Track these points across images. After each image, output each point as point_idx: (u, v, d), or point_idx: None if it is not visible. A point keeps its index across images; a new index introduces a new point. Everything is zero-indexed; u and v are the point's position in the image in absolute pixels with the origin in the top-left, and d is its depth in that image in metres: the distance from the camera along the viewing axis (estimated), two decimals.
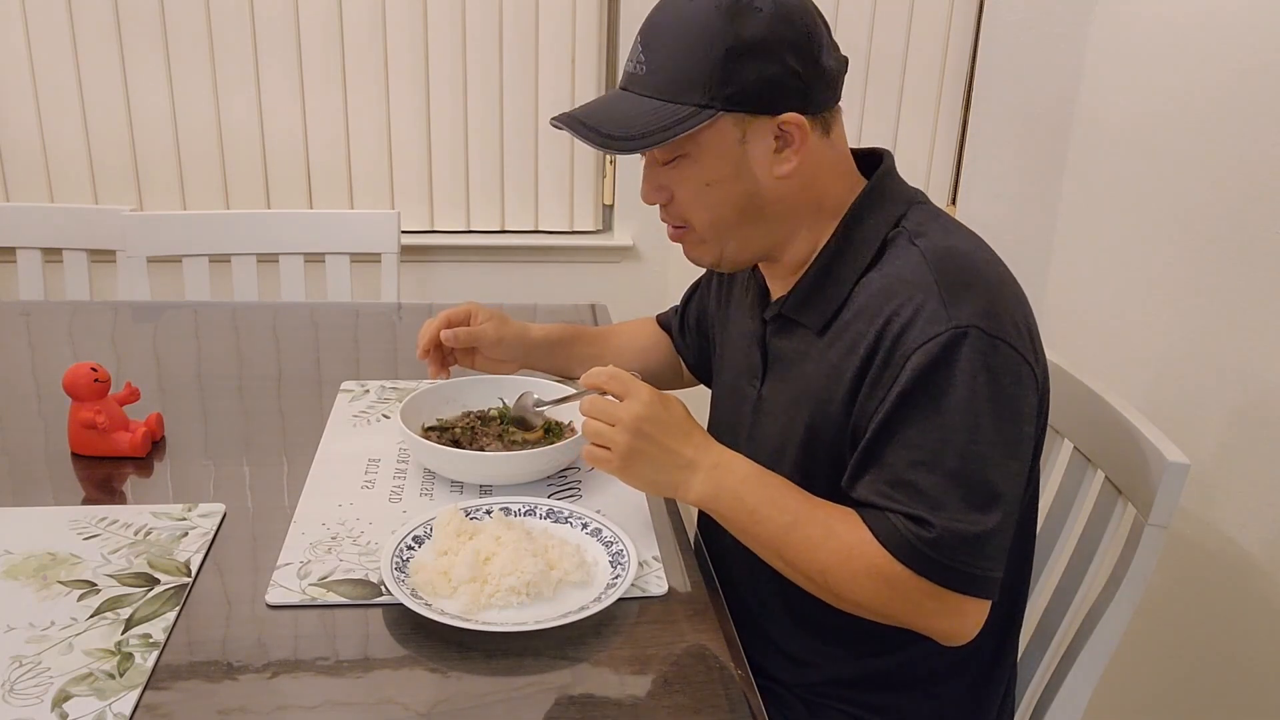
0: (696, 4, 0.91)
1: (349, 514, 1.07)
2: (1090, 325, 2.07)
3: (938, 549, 0.86)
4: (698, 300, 1.29)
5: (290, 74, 2.20)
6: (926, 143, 2.40)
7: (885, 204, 0.98)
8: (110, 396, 1.18)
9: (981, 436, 0.86)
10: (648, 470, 0.96)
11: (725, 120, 0.92)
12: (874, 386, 0.90)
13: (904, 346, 0.88)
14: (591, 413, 0.97)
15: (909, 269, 0.91)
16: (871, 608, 0.91)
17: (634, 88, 0.95)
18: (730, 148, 0.93)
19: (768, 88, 0.91)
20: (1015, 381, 0.88)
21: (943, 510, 0.86)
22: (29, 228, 1.90)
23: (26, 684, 0.80)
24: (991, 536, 0.87)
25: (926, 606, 0.89)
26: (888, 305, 0.90)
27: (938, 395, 0.86)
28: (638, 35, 0.96)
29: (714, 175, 0.95)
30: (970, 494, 0.86)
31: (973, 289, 0.88)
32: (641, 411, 0.94)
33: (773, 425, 1.03)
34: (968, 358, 0.86)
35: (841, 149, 0.99)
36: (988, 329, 0.86)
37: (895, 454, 0.88)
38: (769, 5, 0.90)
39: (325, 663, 0.85)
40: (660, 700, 0.82)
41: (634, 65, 0.95)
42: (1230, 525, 1.61)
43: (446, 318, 1.22)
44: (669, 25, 0.93)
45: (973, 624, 0.90)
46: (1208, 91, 1.71)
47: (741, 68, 0.90)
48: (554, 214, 2.40)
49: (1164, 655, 1.74)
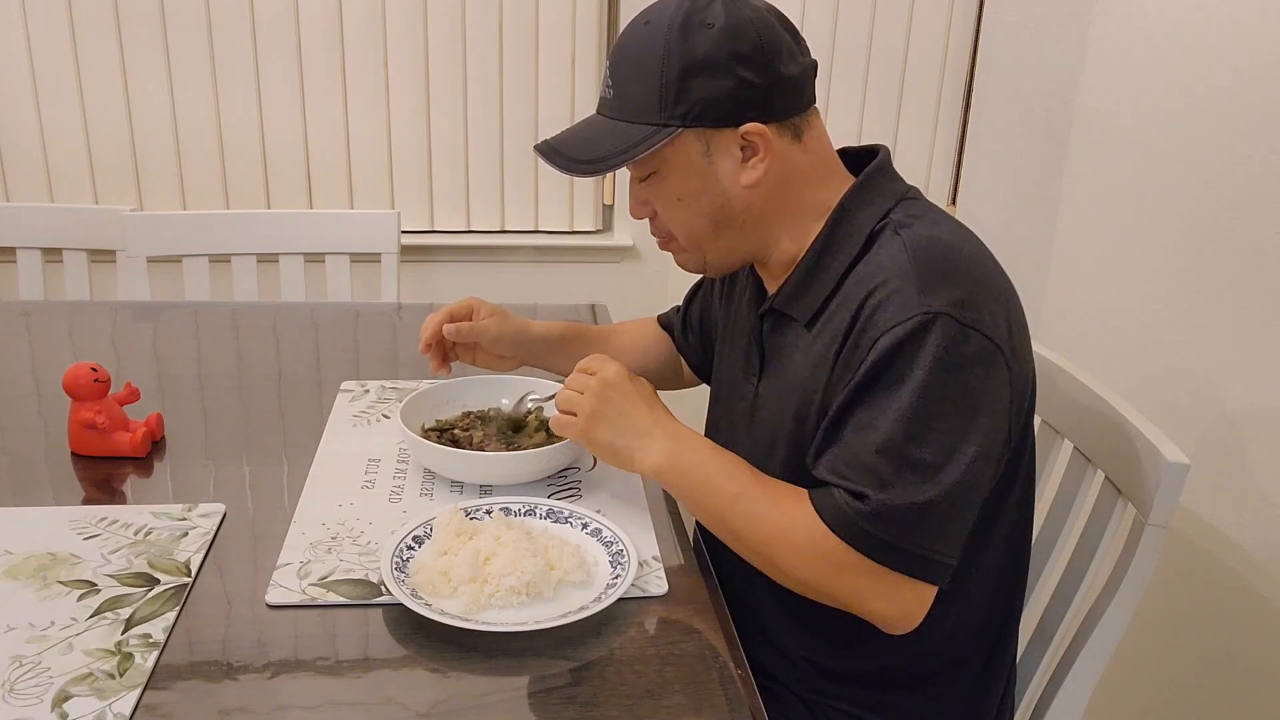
0: (652, 27, 0.94)
1: (349, 514, 1.07)
2: (1090, 325, 2.06)
3: (873, 522, 0.86)
4: (700, 299, 1.29)
5: (290, 74, 2.20)
6: (926, 143, 2.40)
7: (874, 198, 0.98)
8: (110, 396, 1.18)
9: (939, 423, 0.86)
10: (607, 433, 1.01)
11: (687, 136, 0.94)
12: (844, 369, 0.92)
13: (874, 329, 0.89)
14: (569, 385, 1.04)
15: (889, 257, 0.92)
16: (814, 584, 0.91)
17: (605, 111, 0.99)
18: (695, 162, 0.96)
19: (723, 102, 0.93)
20: (985, 372, 0.87)
21: (887, 490, 0.86)
22: (29, 228, 1.90)
23: (26, 684, 0.80)
24: (933, 515, 0.86)
25: (863, 585, 0.89)
26: (864, 291, 0.91)
27: (898, 378, 0.87)
28: (607, 60, 1.00)
29: (683, 190, 0.97)
30: (915, 474, 0.86)
31: (950, 277, 0.89)
32: (609, 378, 1.01)
33: (766, 420, 1.03)
34: (935, 343, 0.86)
35: (819, 152, 0.99)
36: (959, 317, 0.86)
37: (850, 433, 0.89)
38: (720, 20, 0.92)
39: (325, 663, 0.85)
40: (660, 700, 0.82)
41: (605, 89, 0.99)
42: (1230, 525, 1.61)
43: (449, 312, 1.23)
44: (630, 48, 0.96)
45: (912, 609, 0.90)
46: (1208, 91, 1.71)
47: (694, 84, 0.92)
48: (554, 214, 2.40)
49: (1164, 655, 1.74)
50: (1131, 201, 1.93)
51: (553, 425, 1.04)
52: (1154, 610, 1.74)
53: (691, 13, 0.92)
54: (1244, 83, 1.63)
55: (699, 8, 0.93)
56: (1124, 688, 1.83)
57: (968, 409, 0.87)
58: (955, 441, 0.87)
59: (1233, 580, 1.60)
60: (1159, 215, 1.84)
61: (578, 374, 1.04)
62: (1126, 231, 1.94)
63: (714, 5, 0.93)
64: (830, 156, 1.01)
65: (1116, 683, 1.84)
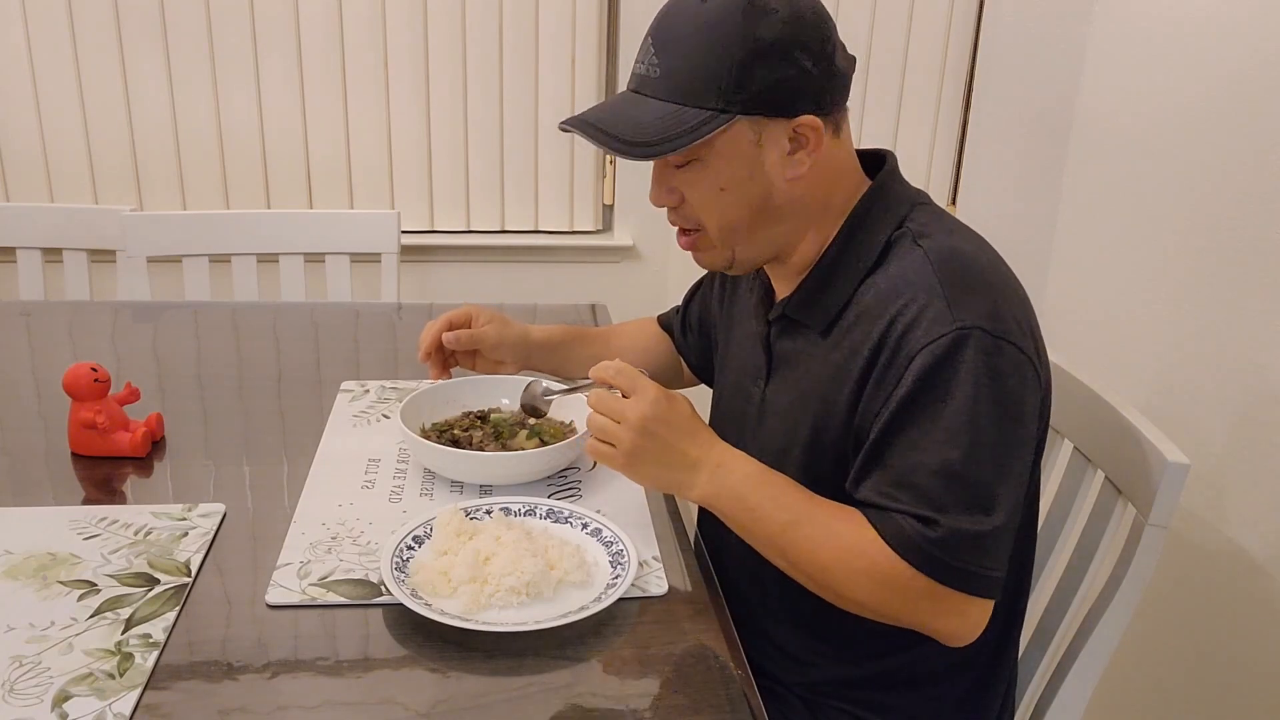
0: (711, 6, 0.90)
1: (349, 514, 1.07)
2: (1090, 325, 2.06)
3: (943, 548, 0.86)
4: (699, 300, 1.29)
5: (290, 74, 2.20)
6: (926, 143, 2.40)
7: (889, 205, 0.98)
8: (110, 396, 1.18)
9: (985, 438, 0.86)
10: (652, 468, 0.96)
11: (741, 123, 0.91)
12: (878, 387, 0.90)
13: (908, 347, 0.88)
14: (599, 408, 0.96)
15: (913, 270, 0.91)
16: (872, 607, 0.91)
17: (646, 90, 0.94)
18: (745, 151, 0.93)
19: (784, 90, 0.91)
20: (1020, 382, 0.88)
21: (947, 511, 0.86)
22: (29, 228, 1.90)
23: (26, 684, 0.80)
24: (995, 536, 0.87)
25: (927, 606, 0.89)
26: (892, 306, 0.90)
27: (942, 397, 0.86)
28: (648, 35, 0.94)
29: (728, 179, 0.94)
30: (974, 495, 0.86)
31: (977, 290, 0.88)
32: (648, 410, 0.94)
33: (777, 426, 1.03)
34: (972, 359, 0.86)
35: (849, 148, 1.00)
36: (992, 330, 0.86)
37: (899, 455, 0.88)
38: (784, 7, 0.90)
39: (325, 663, 0.85)
40: (660, 700, 0.82)
41: (645, 67, 0.94)
42: (1230, 525, 1.61)
43: (448, 320, 1.22)
44: (683, 27, 0.91)
45: (974, 624, 0.90)
46: (1208, 91, 1.71)
47: (758, 70, 0.89)
48: (554, 214, 2.40)
49: (1164, 655, 1.74)
50: (1131, 201, 1.93)
51: (590, 452, 0.97)
52: (1154, 610, 1.74)
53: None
54: (1243, 82, 1.63)
55: None
56: (1124, 688, 1.83)
57: (1011, 422, 0.87)
58: (1005, 456, 0.87)
59: (1233, 580, 1.60)
60: (1159, 215, 1.84)
61: (609, 398, 0.96)
62: (1126, 231, 1.94)
63: None
64: (854, 156, 1.01)
65: (1116, 683, 1.83)
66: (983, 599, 0.89)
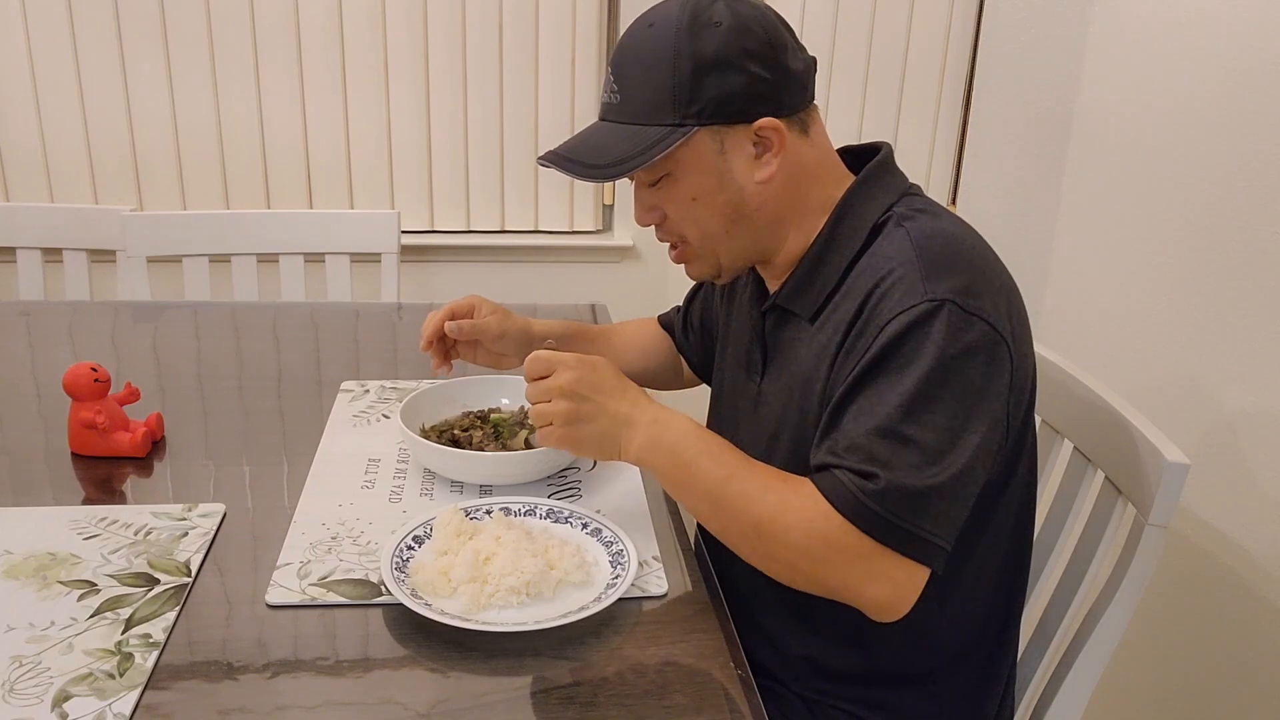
0: (657, 28, 0.94)
1: (349, 514, 1.07)
2: (1090, 325, 2.06)
3: (879, 500, 0.85)
4: (702, 299, 1.29)
5: (290, 74, 2.20)
6: (926, 142, 2.40)
7: (876, 194, 0.98)
8: (110, 396, 1.18)
9: (941, 407, 0.86)
10: (589, 430, 0.96)
11: (702, 135, 0.94)
12: (848, 356, 0.91)
13: (880, 317, 0.89)
14: (533, 397, 0.98)
15: (894, 247, 0.92)
16: (804, 568, 0.89)
17: (610, 117, 0.98)
18: (710, 160, 0.95)
19: (737, 98, 0.93)
20: (988, 359, 0.88)
21: (889, 467, 0.85)
22: (29, 228, 1.90)
23: (26, 684, 0.80)
24: (938, 496, 0.85)
25: (860, 568, 0.87)
26: (870, 281, 0.92)
27: (904, 363, 0.87)
28: (609, 65, 0.99)
29: (698, 190, 0.97)
30: (920, 456, 0.86)
31: (955, 267, 0.89)
32: (571, 376, 0.96)
33: (768, 414, 1.03)
34: (940, 330, 0.86)
35: (823, 146, 1.00)
36: (964, 305, 0.87)
37: (851, 418, 0.89)
38: (726, 18, 0.92)
39: (325, 663, 0.85)
40: (660, 700, 0.82)
41: (609, 95, 0.98)
42: (1230, 525, 1.61)
43: (450, 310, 1.23)
44: (634, 51, 0.96)
45: (904, 594, 0.88)
46: (1208, 91, 1.71)
47: (707, 82, 0.92)
48: (554, 214, 2.40)
49: (1164, 655, 1.74)
50: (1131, 201, 1.93)
51: (539, 441, 0.99)
52: (1154, 610, 1.74)
53: (697, 13, 0.93)
54: (1243, 82, 1.63)
55: (703, 7, 0.93)
56: (1124, 688, 1.83)
57: (970, 395, 0.87)
58: (958, 427, 0.87)
59: (1233, 580, 1.60)
60: (1159, 215, 1.84)
61: (537, 385, 0.98)
62: (1126, 231, 1.94)
63: (717, 4, 0.93)
64: (832, 153, 1.02)
65: (1116, 683, 1.84)
66: (916, 564, 0.87)
